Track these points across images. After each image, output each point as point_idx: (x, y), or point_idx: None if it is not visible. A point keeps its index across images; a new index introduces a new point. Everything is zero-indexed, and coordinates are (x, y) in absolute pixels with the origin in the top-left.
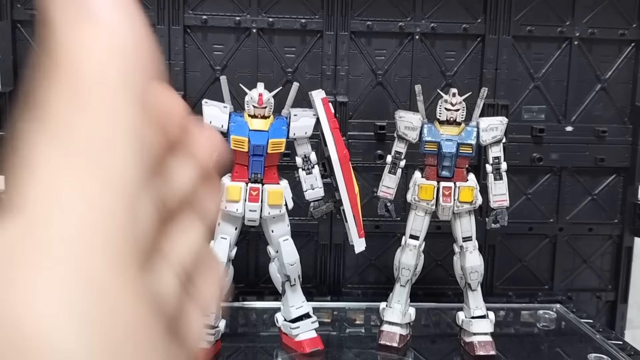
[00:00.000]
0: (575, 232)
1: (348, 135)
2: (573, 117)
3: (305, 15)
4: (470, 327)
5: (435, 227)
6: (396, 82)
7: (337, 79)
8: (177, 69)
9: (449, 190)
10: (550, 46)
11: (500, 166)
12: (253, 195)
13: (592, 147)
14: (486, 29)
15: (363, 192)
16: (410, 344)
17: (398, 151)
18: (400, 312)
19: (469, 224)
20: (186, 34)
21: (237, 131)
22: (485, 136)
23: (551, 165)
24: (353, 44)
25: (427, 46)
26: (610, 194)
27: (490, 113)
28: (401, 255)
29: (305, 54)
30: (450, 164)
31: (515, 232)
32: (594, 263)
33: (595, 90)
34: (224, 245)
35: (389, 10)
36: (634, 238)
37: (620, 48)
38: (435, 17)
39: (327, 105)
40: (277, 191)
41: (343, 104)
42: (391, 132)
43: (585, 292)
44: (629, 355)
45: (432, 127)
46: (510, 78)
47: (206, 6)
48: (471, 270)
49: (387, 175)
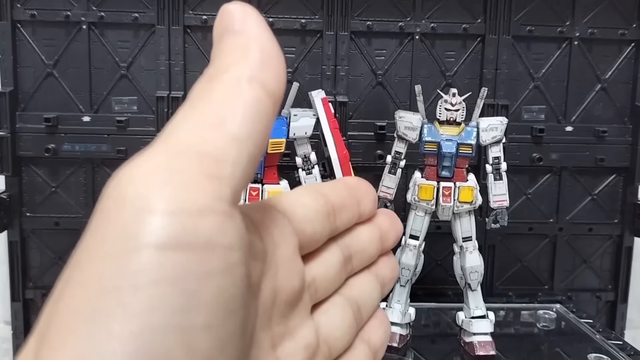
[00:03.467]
0: (575, 232)
1: (348, 135)
2: (573, 117)
3: (305, 15)
4: (470, 327)
5: (435, 227)
6: (396, 82)
7: (337, 79)
8: (177, 69)
9: (449, 191)
10: (550, 46)
11: (500, 166)
12: (253, 196)
13: (592, 147)
14: (486, 29)
15: None
16: (410, 344)
17: (398, 151)
18: (400, 312)
19: (469, 224)
20: (186, 34)
21: None
22: (485, 136)
23: (551, 165)
24: (353, 44)
25: (427, 46)
26: (610, 194)
27: (490, 113)
28: (401, 255)
29: (305, 54)
30: (450, 164)
31: (515, 232)
32: (594, 263)
33: (595, 90)
34: None
35: (389, 10)
36: (634, 238)
37: (620, 48)
38: (435, 17)
39: (327, 106)
40: (277, 191)
41: (343, 104)
42: (391, 132)
43: (585, 292)
44: (629, 355)
45: (432, 127)
46: (510, 78)
47: (206, 6)
48: (471, 270)
49: (387, 175)
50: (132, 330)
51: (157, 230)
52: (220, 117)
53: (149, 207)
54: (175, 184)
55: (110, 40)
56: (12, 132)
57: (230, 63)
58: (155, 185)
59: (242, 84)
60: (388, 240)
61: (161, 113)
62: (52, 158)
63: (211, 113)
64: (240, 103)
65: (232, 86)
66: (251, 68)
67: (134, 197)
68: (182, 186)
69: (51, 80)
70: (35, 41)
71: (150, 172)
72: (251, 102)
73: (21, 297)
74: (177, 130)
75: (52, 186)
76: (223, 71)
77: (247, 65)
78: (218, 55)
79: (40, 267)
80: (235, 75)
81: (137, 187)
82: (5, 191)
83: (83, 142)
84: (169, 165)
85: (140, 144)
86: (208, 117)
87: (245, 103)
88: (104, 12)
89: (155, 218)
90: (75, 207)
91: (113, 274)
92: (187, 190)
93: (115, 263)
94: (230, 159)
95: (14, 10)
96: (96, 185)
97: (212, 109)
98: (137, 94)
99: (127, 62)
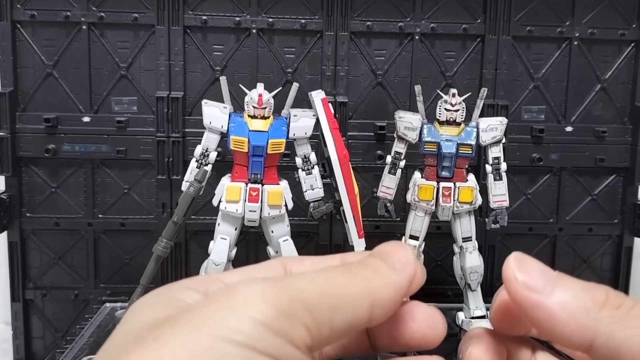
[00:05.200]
0: (575, 232)
1: (348, 135)
2: (573, 117)
3: (305, 15)
4: (470, 327)
5: (435, 227)
6: (396, 83)
7: (337, 80)
8: (177, 69)
9: (449, 191)
10: (550, 46)
11: (500, 166)
12: (253, 196)
13: (592, 147)
14: (486, 29)
15: (363, 193)
16: None
17: (398, 151)
18: None
19: (469, 224)
20: (186, 34)
21: (236, 132)
22: (485, 136)
23: (551, 165)
24: (353, 44)
25: (427, 46)
26: (610, 194)
27: (490, 113)
28: None
29: (305, 54)
30: (450, 164)
31: (515, 232)
32: (594, 263)
33: (595, 91)
34: (223, 246)
35: (388, 10)
36: (634, 238)
37: (620, 48)
38: (435, 17)
39: (326, 106)
40: (277, 191)
41: (343, 104)
42: (391, 132)
43: None
44: None
45: (431, 128)
46: (510, 78)
47: (206, 6)
48: (471, 271)
49: (387, 175)
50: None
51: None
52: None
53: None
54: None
55: (110, 41)
56: (12, 132)
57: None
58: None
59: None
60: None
61: (161, 113)
62: (52, 158)
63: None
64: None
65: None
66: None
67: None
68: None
69: (51, 81)
70: (35, 41)
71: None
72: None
73: (21, 297)
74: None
75: (52, 186)
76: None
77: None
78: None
79: (40, 268)
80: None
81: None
82: (5, 191)
83: (83, 142)
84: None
85: (140, 144)
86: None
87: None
88: (103, 13)
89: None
90: (75, 208)
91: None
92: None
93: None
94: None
95: (14, 11)
96: (96, 186)
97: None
98: (137, 94)
99: (127, 63)
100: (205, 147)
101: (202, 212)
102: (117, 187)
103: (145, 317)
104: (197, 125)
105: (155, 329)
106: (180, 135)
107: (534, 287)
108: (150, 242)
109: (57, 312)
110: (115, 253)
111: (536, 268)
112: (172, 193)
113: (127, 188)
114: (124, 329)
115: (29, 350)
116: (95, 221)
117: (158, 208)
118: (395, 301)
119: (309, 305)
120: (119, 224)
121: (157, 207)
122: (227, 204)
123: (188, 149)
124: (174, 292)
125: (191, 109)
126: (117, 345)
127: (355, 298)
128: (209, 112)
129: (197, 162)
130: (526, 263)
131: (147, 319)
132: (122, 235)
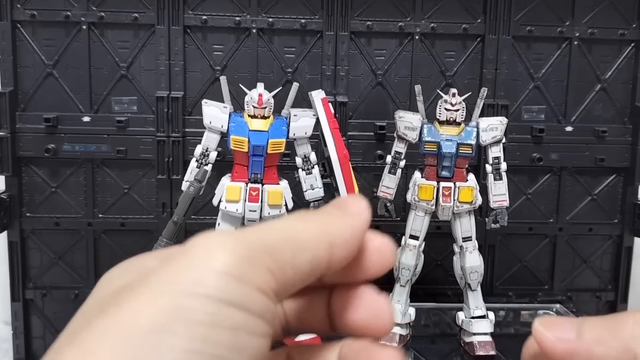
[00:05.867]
0: (575, 232)
1: (348, 135)
2: (573, 117)
3: (305, 15)
4: (470, 327)
5: (435, 227)
6: (396, 82)
7: (337, 79)
8: (177, 69)
9: (449, 191)
10: (550, 46)
11: (500, 166)
12: (253, 196)
13: (592, 147)
14: (486, 29)
15: (363, 192)
16: (410, 344)
17: (398, 151)
18: (400, 312)
19: (469, 224)
20: (186, 34)
21: (237, 131)
22: (485, 136)
23: (551, 165)
24: (353, 44)
25: (427, 46)
26: (610, 194)
27: (490, 113)
28: (401, 255)
29: (305, 54)
30: (450, 164)
31: (515, 232)
32: (593, 263)
33: (595, 90)
34: None
35: (388, 10)
36: (634, 238)
37: (620, 48)
38: (435, 17)
39: (327, 106)
40: (277, 191)
41: (343, 104)
42: (391, 132)
43: (585, 292)
44: None
45: (431, 128)
46: (510, 78)
47: (206, 6)
48: (471, 270)
49: (387, 175)
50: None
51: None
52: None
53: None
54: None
55: (110, 41)
56: (12, 132)
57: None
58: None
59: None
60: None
61: (161, 113)
62: (52, 158)
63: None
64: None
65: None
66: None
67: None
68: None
69: (51, 81)
70: (35, 41)
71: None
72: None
73: (21, 297)
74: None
75: (52, 186)
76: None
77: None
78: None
79: (40, 267)
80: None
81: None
82: (5, 191)
83: (83, 142)
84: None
85: (140, 144)
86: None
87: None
88: (103, 12)
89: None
90: (75, 207)
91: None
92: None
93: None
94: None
95: (14, 11)
96: (96, 186)
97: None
98: (137, 94)
99: (127, 62)
100: (205, 146)
101: (202, 212)
102: (117, 187)
103: (112, 286)
104: (197, 125)
105: (118, 295)
106: (180, 135)
107: (566, 338)
108: (150, 242)
109: (57, 312)
110: (115, 253)
111: (560, 321)
112: (172, 193)
113: (127, 188)
114: (88, 302)
115: (29, 350)
116: (95, 221)
117: (158, 208)
118: (352, 243)
119: (269, 248)
120: (119, 223)
121: (157, 207)
122: (227, 203)
123: (188, 148)
124: (140, 260)
125: (191, 109)
126: (81, 318)
127: (315, 239)
128: (209, 112)
129: (197, 161)
130: (550, 321)
131: (113, 288)
132: (122, 235)
